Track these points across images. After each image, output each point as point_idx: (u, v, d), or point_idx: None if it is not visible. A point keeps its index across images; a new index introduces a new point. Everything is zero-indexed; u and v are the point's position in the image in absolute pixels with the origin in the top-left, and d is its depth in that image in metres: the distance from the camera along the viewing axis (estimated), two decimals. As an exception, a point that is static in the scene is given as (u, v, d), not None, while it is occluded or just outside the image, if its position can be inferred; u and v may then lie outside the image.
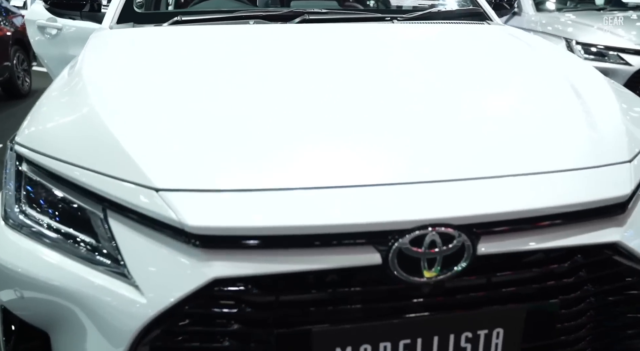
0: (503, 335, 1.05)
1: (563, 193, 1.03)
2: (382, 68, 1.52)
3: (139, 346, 0.95)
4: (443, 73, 1.50)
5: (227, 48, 1.63)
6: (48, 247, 1.04)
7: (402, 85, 1.39)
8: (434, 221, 0.94)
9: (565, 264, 1.05)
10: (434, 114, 1.24)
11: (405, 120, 1.19)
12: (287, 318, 0.97)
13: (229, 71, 1.43)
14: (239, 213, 0.93)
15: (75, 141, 1.12)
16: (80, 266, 1.01)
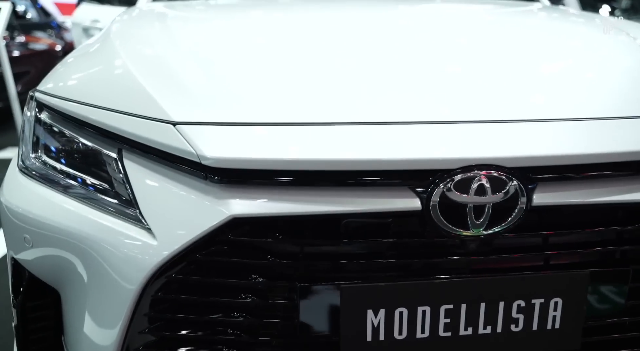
0: (562, 306, 0.90)
1: (632, 138, 0.89)
2: (424, 27, 1.43)
3: (146, 297, 0.86)
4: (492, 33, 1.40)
5: (260, 11, 1.58)
6: (62, 192, 0.98)
7: (450, 41, 1.29)
8: (482, 161, 0.82)
9: (635, 225, 0.91)
10: (483, 61, 1.13)
11: (453, 67, 1.09)
12: (313, 270, 0.87)
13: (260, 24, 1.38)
14: (260, 145, 0.84)
15: (95, 83, 1.07)
16: (93, 211, 0.94)
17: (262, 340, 0.90)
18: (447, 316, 0.89)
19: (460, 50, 1.19)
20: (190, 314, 0.89)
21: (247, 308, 0.88)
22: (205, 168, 0.84)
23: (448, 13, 1.63)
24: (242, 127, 0.86)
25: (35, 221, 0.98)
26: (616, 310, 0.94)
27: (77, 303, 0.98)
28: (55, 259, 0.97)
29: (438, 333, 0.89)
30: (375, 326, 0.88)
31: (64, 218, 0.95)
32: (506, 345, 0.92)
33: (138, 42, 1.23)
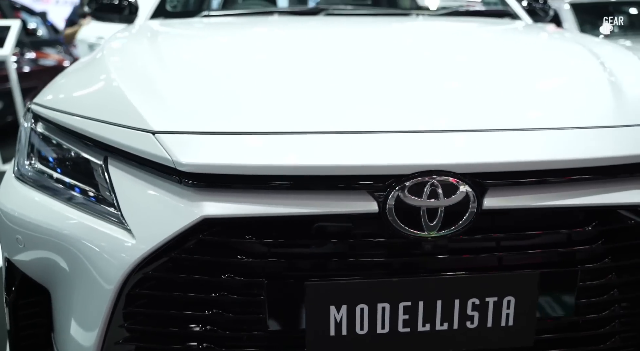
0: (515, 304, 0.96)
1: (577, 147, 0.96)
2: (398, 42, 1.51)
3: (124, 294, 0.93)
4: (462, 48, 1.48)
5: (247, 28, 1.67)
6: (52, 197, 1.06)
7: (421, 54, 1.37)
8: (433, 167, 0.89)
9: (585, 228, 0.97)
10: (447, 75, 1.20)
11: (418, 81, 1.16)
12: (279, 269, 0.94)
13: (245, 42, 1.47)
14: (229, 153, 0.91)
15: (86, 96, 1.15)
16: (79, 213, 1.01)
17: (234, 335, 0.97)
18: (405, 313, 0.95)
19: (427, 65, 1.27)
20: (167, 310, 0.96)
21: (219, 304, 0.95)
22: (180, 173, 0.91)
23: (425, 31, 1.71)
24: (214, 136, 0.94)
25: (26, 223, 1.06)
26: (567, 309, 0.99)
27: (64, 302, 1.05)
28: (45, 259, 1.05)
29: (397, 329, 0.95)
30: (337, 322, 0.94)
31: (53, 220, 1.03)
32: (463, 340, 0.98)
33: (127, 57, 1.32)
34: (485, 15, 2.07)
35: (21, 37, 5.69)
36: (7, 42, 4.03)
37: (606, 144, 0.97)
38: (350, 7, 1.96)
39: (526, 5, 2.34)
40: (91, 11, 2.26)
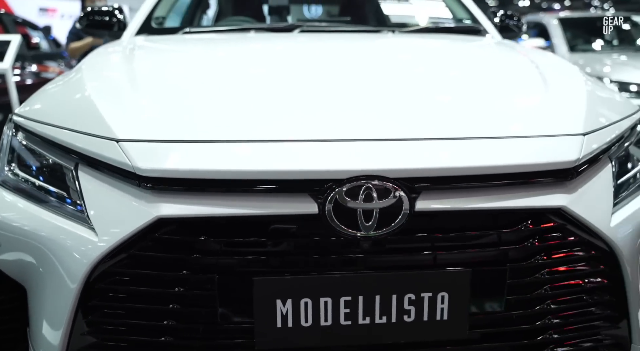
0: (448, 299, 1.04)
1: (505, 154, 1.05)
2: (358, 58, 1.61)
3: (89, 287, 1.02)
4: (416, 63, 1.58)
5: (227, 47, 1.77)
6: (28, 200, 1.15)
7: (373, 70, 1.47)
8: (368, 172, 0.98)
9: (513, 229, 1.06)
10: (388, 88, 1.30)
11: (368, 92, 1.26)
12: (229, 265, 1.02)
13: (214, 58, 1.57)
14: (183, 159, 1.01)
15: (62, 107, 1.25)
16: (52, 215, 1.10)
17: (189, 326, 1.05)
18: (346, 307, 1.03)
19: (378, 80, 1.36)
20: (127, 304, 1.04)
21: (175, 298, 1.04)
22: (138, 177, 1.01)
23: (386, 47, 1.81)
24: (170, 144, 1.03)
25: (4, 225, 1.14)
26: (498, 305, 1.07)
27: (36, 298, 1.14)
28: (21, 258, 1.13)
29: (340, 322, 1.04)
30: (284, 314, 1.02)
31: (28, 221, 1.11)
32: (401, 333, 1.06)
33: (102, 71, 1.43)
34: (454, 32, 2.17)
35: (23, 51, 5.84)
36: (7, 56, 4.16)
37: (529, 152, 1.06)
38: (324, 24, 2.07)
39: (498, 22, 2.45)
40: (82, 27, 2.38)
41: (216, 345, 1.06)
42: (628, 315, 1.14)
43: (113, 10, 2.31)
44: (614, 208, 1.13)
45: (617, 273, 1.11)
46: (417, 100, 1.22)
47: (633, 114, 1.32)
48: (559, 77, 1.43)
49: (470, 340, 1.08)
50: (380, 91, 1.27)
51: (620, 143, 1.23)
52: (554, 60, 1.69)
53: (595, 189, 1.11)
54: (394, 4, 2.90)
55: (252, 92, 1.24)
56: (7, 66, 4.15)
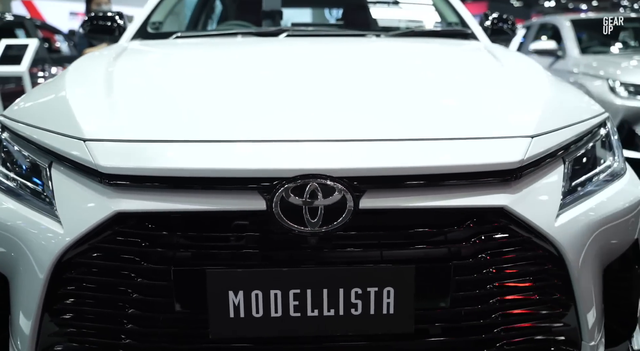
0: (394, 294, 1.09)
1: (448, 155, 1.09)
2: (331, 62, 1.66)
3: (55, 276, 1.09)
4: (394, 68, 1.62)
5: (209, 51, 1.85)
6: (9, 196, 1.23)
7: (338, 73, 1.52)
8: (312, 171, 1.03)
9: (457, 228, 1.10)
10: (355, 92, 1.35)
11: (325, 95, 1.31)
12: (184, 257, 1.08)
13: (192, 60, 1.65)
14: (143, 157, 1.08)
15: (42, 109, 1.34)
16: (27, 209, 1.18)
17: (148, 315, 1.12)
18: (295, 299, 1.08)
19: (340, 83, 1.41)
20: (91, 293, 1.11)
21: (134, 288, 1.10)
22: (100, 174, 1.08)
23: (363, 51, 1.85)
24: (130, 143, 1.10)
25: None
26: (444, 301, 1.11)
27: (14, 287, 1.22)
28: (1, 249, 1.22)
29: (289, 313, 1.09)
30: (236, 305, 1.08)
31: (6, 215, 1.20)
32: (349, 326, 1.10)
33: (83, 74, 1.51)
34: (440, 35, 2.20)
35: (45, 54, 6.07)
36: (24, 59, 4.33)
37: (474, 153, 1.10)
38: (310, 29, 2.13)
39: (490, 25, 2.47)
40: (85, 32, 2.49)
41: (174, 333, 1.12)
42: (577, 313, 1.17)
43: (114, 15, 2.41)
44: (563, 209, 1.16)
45: (564, 272, 1.14)
46: (370, 102, 1.27)
47: (594, 117, 1.34)
48: (522, 80, 1.46)
49: (417, 334, 1.12)
50: (337, 93, 1.32)
51: (577, 145, 1.26)
52: (524, 64, 1.71)
53: (541, 189, 1.14)
54: (386, 9, 2.94)
55: (214, 95, 1.31)
56: (24, 69, 4.33)
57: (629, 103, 4.59)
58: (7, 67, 4.32)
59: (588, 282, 1.18)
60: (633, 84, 4.59)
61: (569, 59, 5.56)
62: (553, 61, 5.80)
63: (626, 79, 4.65)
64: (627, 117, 4.57)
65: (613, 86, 4.70)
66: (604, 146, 1.35)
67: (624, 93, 4.62)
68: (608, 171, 1.31)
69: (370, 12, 2.69)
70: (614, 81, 4.71)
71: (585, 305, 1.17)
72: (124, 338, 1.13)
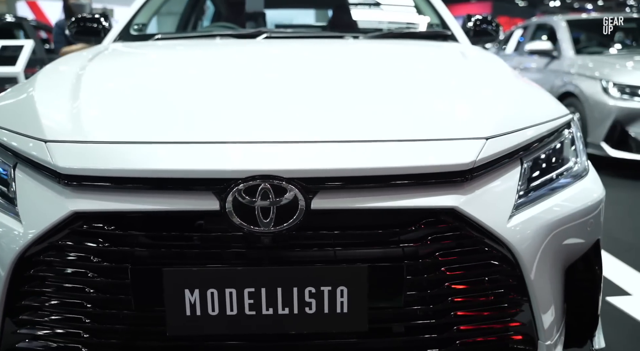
0: (347, 293, 1.10)
1: (400, 156, 1.10)
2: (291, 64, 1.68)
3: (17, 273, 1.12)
4: (363, 70, 1.63)
5: (183, 53, 1.87)
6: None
7: (300, 75, 1.53)
8: (262, 172, 1.05)
9: (409, 228, 1.11)
10: (317, 94, 1.37)
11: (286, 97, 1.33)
12: (141, 256, 1.10)
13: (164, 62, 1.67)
14: (99, 158, 1.10)
15: (10, 110, 1.36)
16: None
17: (106, 312, 1.14)
18: (250, 298, 1.10)
19: (304, 85, 1.43)
20: (51, 290, 1.13)
21: (93, 286, 1.12)
22: (59, 175, 1.10)
23: (337, 53, 1.87)
24: (87, 145, 1.13)
25: None
26: (397, 301, 1.13)
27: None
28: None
29: (245, 312, 1.10)
30: (192, 303, 1.10)
31: None
32: (304, 324, 1.12)
33: (53, 76, 1.54)
34: (419, 37, 2.22)
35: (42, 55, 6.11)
36: (20, 60, 4.38)
37: (425, 154, 1.11)
38: (289, 31, 2.15)
39: (473, 26, 2.48)
40: (71, 34, 2.52)
41: (132, 330, 1.14)
42: (532, 312, 1.18)
43: (99, 17, 2.44)
44: (518, 209, 1.17)
45: (517, 272, 1.15)
46: (327, 104, 1.29)
47: (556, 119, 1.35)
48: (486, 82, 1.48)
49: (371, 332, 1.14)
50: (296, 95, 1.34)
51: (536, 146, 1.27)
52: (492, 66, 1.72)
53: (495, 190, 1.15)
54: (368, 10, 2.96)
55: (175, 97, 1.33)
56: (19, 70, 4.37)
57: (621, 104, 4.59)
58: (3, 68, 4.37)
59: (544, 282, 1.19)
60: (626, 85, 4.59)
61: (564, 59, 5.56)
62: (549, 61, 5.80)
63: (619, 80, 4.65)
64: (620, 118, 4.58)
65: (606, 87, 4.70)
66: (566, 147, 1.36)
67: (616, 94, 4.62)
68: (569, 172, 1.32)
69: (352, 14, 2.71)
70: (607, 81, 4.71)
71: (541, 304, 1.18)
72: (84, 335, 1.15)
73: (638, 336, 2.07)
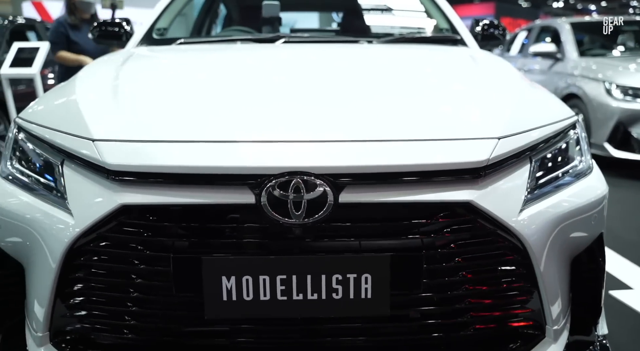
0: (371, 280, 1.20)
1: (421, 155, 1.20)
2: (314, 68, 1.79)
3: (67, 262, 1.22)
4: (378, 73, 1.74)
5: (209, 57, 1.97)
6: (24, 190, 1.36)
7: (324, 78, 1.64)
8: (295, 169, 1.15)
9: (429, 220, 1.21)
10: (336, 96, 1.47)
11: (314, 99, 1.44)
12: (182, 245, 1.20)
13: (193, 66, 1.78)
14: (146, 156, 1.20)
15: (54, 111, 1.47)
16: (41, 203, 1.30)
17: (151, 298, 1.24)
18: (282, 284, 1.20)
19: (319, 86, 1.54)
20: (99, 278, 1.24)
21: (139, 273, 1.22)
22: (107, 171, 1.20)
23: (355, 57, 1.98)
24: (135, 143, 1.23)
25: (4, 211, 1.36)
26: (416, 287, 1.22)
27: (29, 273, 1.35)
28: (17, 239, 1.34)
29: (277, 297, 1.20)
30: (228, 289, 1.20)
31: (23, 207, 1.32)
32: (331, 309, 1.22)
33: (93, 78, 1.64)
34: (430, 41, 2.32)
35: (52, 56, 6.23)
36: (36, 62, 4.49)
37: (444, 153, 1.21)
38: (306, 36, 2.25)
39: (481, 31, 2.58)
40: (94, 37, 2.62)
41: (173, 315, 1.24)
42: (540, 299, 1.28)
43: (121, 22, 2.55)
44: (528, 204, 1.27)
45: (527, 262, 1.25)
46: (352, 105, 1.39)
47: (562, 120, 1.45)
48: (497, 85, 1.57)
49: (393, 317, 1.24)
50: (322, 97, 1.44)
51: (544, 146, 1.36)
52: (501, 70, 1.82)
53: (507, 186, 1.25)
54: (381, 16, 3.06)
55: (211, 99, 1.44)
56: (35, 71, 4.48)
57: (624, 105, 4.68)
58: (20, 69, 4.47)
59: (552, 271, 1.29)
60: (629, 87, 4.68)
61: (568, 61, 5.65)
62: (552, 63, 5.89)
63: (622, 82, 4.74)
64: (623, 119, 4.66)
65: (609, 89, 4.78)
66: (572, 147, 1.45)
67: (619, 96, 4.71)
68: (574, 170, 1.42)
69: (365, 19, 2.81)
70: (610, 83, 4.79)
71: (549, 292, 1.28)
72: (128, 319, 1.25)
73: (639, 327, 2.17)
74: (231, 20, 3.59)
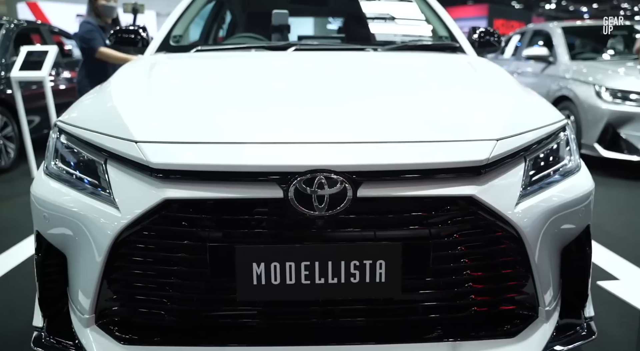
0: (385, 266, 1.35)
1: (428, 154, 1.36)
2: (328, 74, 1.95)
3: (115, 252, 1.36)
4: (388, 79, 1.90)
5: (228, 64, 2.13)
6: (68, 186, 1.51)
7: (338, 84, 1.81)
8: (319, 167, 1.31)
9: (436, 213, 1.36)
10: (351, 100, 1.63)
11: (327, 103, 1.60)
12: (217, 236, 1.35)
13: (219, 73, 1.92)
14: (185, 156, 1.35)
15: (94, 115, 1.62)
16: (86, 197, 1.45)
17: (189, 284, 1.39)
18: (306, 270, 1.35)
19: (335, 92, 1.70)
20: (142, 266, 1.38)
21: (177, 261, 1.37)
22: (151, 169, 1.35)
23: (362, 63, 2.14)
24: (175, 144, 1.38)
25: (50, 205, 1.50)
26: (424, 273, 1.38)
27: (73, 262, 1.49)
28: (62, 231, 1.49)
29: (301, 281, 1.36)
30: (258, 275, 1.35)
31: (68, 202, 1.47)
32: (349, 291, 1.37)
33: (126, 84, 1.80)
34: (432, 49, 2.48)
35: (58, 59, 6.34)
36: (45, 65, 4.61)
37: (448, 153, 1.37)
38: (315, 43, 2.40)
39: (478, 38, 2.74)
40: (111, 43, 2.77)
41: (208, 298, 1.39)
42: (534, 283, 1.44)
43: (138, 28, 2.69)
44: (523, 198, 1.42)
45: (523, 250, 1.41)
46: (367, 109, 1.55)
47: (553, 123, 1.62)
48: (495, 91, 1.74)
49: (404, 299, 1.39)
50: (340, 101, 1.60)
51: (537, 146, 1.53)
52: (498, 76, 1.99)
53: (504, 182, 1.41)
54: (384, 24, 3.22)
55: (240, 103, 1.60)
56: (45, 74, 4.60)
57: (613, 107, 4.86)
58: (29, 72, 4.59)
59: (545, 259, 1.45)
60: (618, 90, 4.87)
61: (560, 65, 5.83)
62: (545, 66, 6.07)
63: (612, 85, 4.93)
64: (612, 121, 4.85)
65: (599, 91, 4.97)
66: (562, 148, 1.62)
67: (609, 98, 4.89)
68: (564, 169, 1.58)
69: (369, 28, 2.97)
70: (600, 86, 4.98)
71: (542, 277, 1.44)
72: (167, 303, 1.40)
73: (624, 314, 2.35)
74: (237, 25, 3.74)
